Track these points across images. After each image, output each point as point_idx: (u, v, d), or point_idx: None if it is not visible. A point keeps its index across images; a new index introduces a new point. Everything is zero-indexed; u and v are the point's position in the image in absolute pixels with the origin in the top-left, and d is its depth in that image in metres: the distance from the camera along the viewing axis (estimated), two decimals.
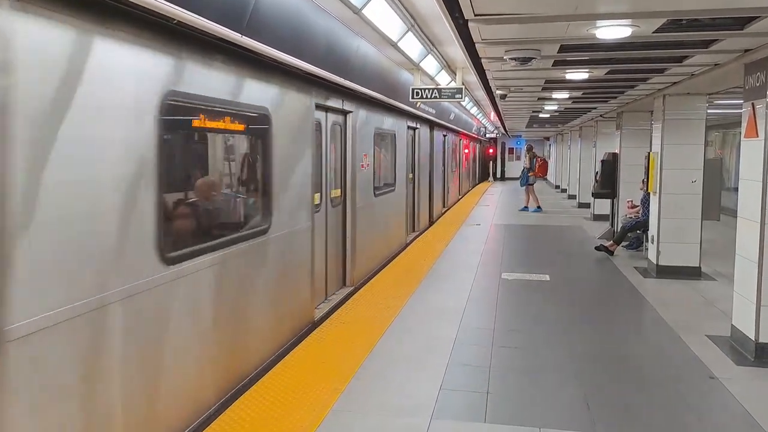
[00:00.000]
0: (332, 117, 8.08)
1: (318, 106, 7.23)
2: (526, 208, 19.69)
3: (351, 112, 8.62)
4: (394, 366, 5.66)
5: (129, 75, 3.68)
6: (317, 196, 7.39)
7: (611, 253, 11.54)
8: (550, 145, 36.74)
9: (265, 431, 4.36)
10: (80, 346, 3.29)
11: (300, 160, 6.63)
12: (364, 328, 6.76)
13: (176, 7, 3.60)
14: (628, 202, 12.50)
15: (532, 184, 20.10)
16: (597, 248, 11.81)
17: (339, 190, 8.50)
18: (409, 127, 13.34)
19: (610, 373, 5.69)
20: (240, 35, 4.51)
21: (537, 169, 20.44)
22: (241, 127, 5.43)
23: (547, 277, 9.56)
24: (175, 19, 3.73)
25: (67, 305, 3.15)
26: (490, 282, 9.24)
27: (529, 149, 21.31)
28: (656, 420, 4.69)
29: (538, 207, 19.74)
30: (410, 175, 13.93)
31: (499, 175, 41.54)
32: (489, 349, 6.18)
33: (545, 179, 28.89)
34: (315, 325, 6.97)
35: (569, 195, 24.35)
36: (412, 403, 4.88)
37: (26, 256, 2.90)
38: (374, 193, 10.05)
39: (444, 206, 20.03)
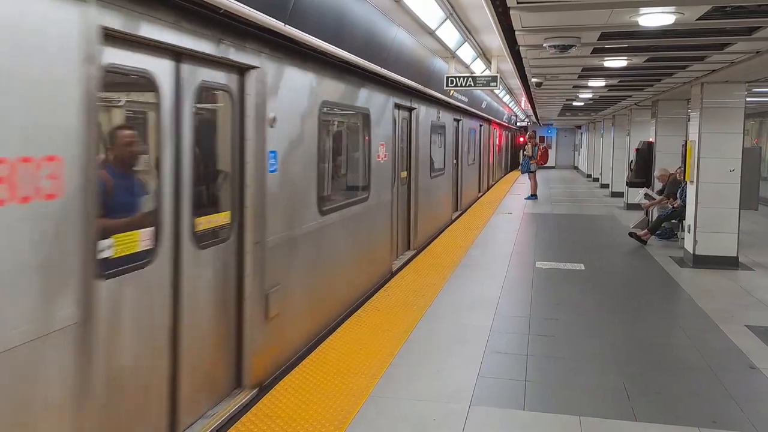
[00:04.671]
0: (188, 69, 4.07)
1: (122, 40, 3.43)
2: (533, 197, 19.65)
3: (254, 68, 4.75)
4: (431, 354, 5.72)
5: None
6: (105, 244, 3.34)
7: (644, 242, 11.45)
8: (581, 133, 36.35)
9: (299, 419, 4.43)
10: None
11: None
12: None
13: None
14: (645, 195, 12.48)
15: (534, 172, 20.12)
16: (630, 234, 11.75)
17: (227, 213, 4.67)
18: (398, 107, 9.61)
19: (649, 361, 5.67)
20: None
21: (539, 157, 20.41)
22: None
23: (582, 267, 9.52)
24: None
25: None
26: (525, 271, 9.23)
27: (531, 137, 21.25)
28: (697, 409, 4.68)
29: (534, 195, 19.75)
30: (403, 174, 10.22)
31: None
32: (526, 337, 6.20)
33: (546, 167, 28.87)
34: None
35: (601, 184, 24.13)
36: (451, 389, 4.92)
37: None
38: (320, 210, 6.16)
39: (458, 209, 16.45)
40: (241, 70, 4.72)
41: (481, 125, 20.96)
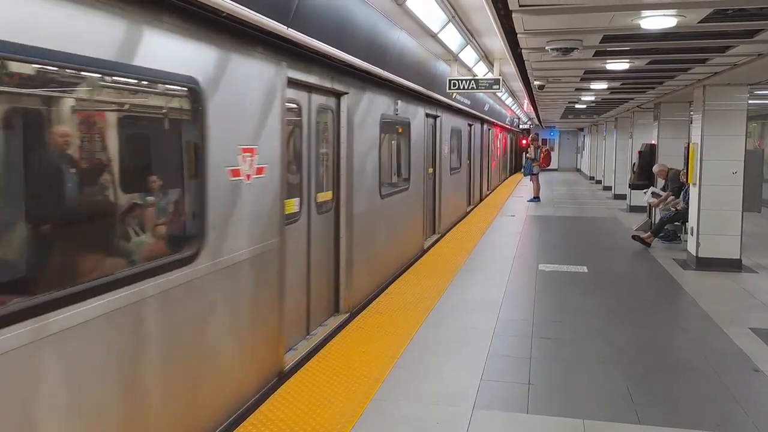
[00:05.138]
0: None
1: None
2: (536, 199, 19.67)
3: None
4: (434, 356, 5.71)
5: None
6: None
7: (648, 245, 11.44)
8: (584, 136, 36.36)
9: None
10: None
11: None
12: None
13: None
14: (652, 194, 12.48)
15: (536, 174, 20.17)
16: (633, 237, 11.75)
17: None
18: (309, 88, 6.06)
19: (653, 364, 5.66)
20: None
21: (541, 160, 20.44)
22: None
23: (585, 269, 9.51)
24: None
25: None
26: (528, 273, 9.22)
27: (533, 139, 21.25)
28: (701, 411, 4.67)
29: (536, 197, 19.75)
30: (323, 197, 6.55)
31: None
32: (529, 340, 6.19)
33: (549, 169, 28.72)
34: None
35: (604, 186, 24.14)
36: (454, 392, 4.92)
37: None
38: None
39: (435, 231, 12.72)
40: None
41: (470, 124, 17.39)
